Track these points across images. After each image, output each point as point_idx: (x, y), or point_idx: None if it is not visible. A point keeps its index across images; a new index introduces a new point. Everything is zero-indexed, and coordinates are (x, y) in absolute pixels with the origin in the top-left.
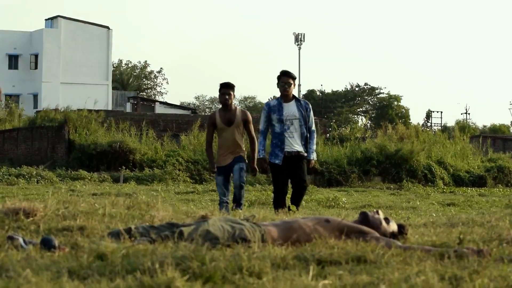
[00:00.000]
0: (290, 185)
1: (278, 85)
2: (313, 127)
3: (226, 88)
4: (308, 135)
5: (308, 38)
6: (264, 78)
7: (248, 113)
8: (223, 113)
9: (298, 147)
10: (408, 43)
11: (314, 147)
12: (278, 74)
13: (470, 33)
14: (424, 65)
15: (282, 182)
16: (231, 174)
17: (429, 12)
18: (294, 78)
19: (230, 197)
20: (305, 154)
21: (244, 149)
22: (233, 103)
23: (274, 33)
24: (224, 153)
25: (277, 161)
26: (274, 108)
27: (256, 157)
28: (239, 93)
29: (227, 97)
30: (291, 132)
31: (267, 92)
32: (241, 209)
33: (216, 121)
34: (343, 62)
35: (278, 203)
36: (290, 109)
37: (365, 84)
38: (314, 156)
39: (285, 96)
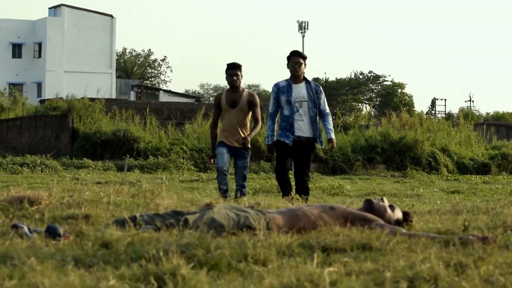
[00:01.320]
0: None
1: (288, 65)
2: (327, 109)
3: (233, 69)
4: (322, 118)
5: (311, 26)
6: (268, 66)
7: (256, 96)
8: (230, 94)
9: (307, 132)
10: (412, 31)
11: (331, 127)
12: (288, 54)
13: (474, 20)
14: (428, 53)
15: (285, 161)
16: (232, 159)
17: (433, 1)
18: (304, 58)
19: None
20: (315, 141)
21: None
22: (241, 85)
23: (278, 21)
24: (226, 135)
25: (287, 141)
26: (283, 89)
27: (253, 132)
28: (243, 82)
29: (235, 78)
30: (300, 115)
31: (271, 80)
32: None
33: (221, 102)
34: (347, 50)
35: (281, 180)
36: (300, 90)
37: (369, 72)
38: (333, 135)
39: (295, 76)
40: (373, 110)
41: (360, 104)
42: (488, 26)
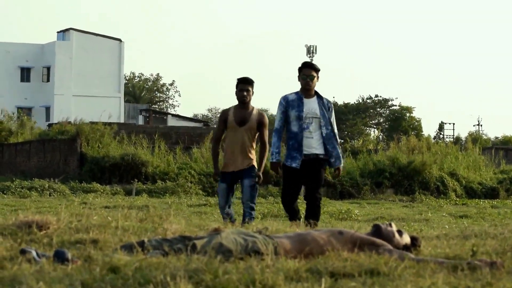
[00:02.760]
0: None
1: (299, 78)
2: (336, 130)
3: (245, 84)
4: (331, 139)
5: (320, 50)
6: (277, 90)
7: (266, 116)
8: (238, 111)
9: (317, 149)
10: (420, 55)
11: (340, 151)
12: (300, 65)
13: (482, 44)
14: (437, 77)
15: (294, 188)
16: (236, 186)
17: (441, 24)
18: (317, 71)
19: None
20: (325, 158)
21: (254, 157)
22: (251, 102)
23: (286, 45)
24: (230, 157)
25: (294, 165)
26: (293, 103)
27: (264, 163)
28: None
29: (245, 93)
30: (310, 132)
31: None
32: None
33: (228, 118)
34: (355, 74)
35: (288, 208)
36: (311, 105)
37: (376, 95)
38: (341, 162)
39: (307, 90)
40: (381, 134)
41: (368, 129)
42: (497, 50)
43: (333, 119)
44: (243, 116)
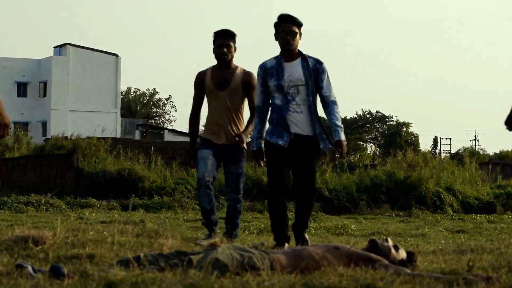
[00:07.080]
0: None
1: (277, 37)
2: (333, 97)
3: (224, 38)
4: (327, 109)
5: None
6: None
7: (254, 76)
8: (217, 72)
9: (306, 129)
10: (417, 70)
11: (340, 122)
12: (276, 20)
13: (479, 60)
14: (433, 92)
15: (281, 171)
16: (221, 164)
17: (438, 39)
18: (300, 25)
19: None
20: (318, 140)
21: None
22: (233, 60)
23: None
24: (212, 129)
25: (280, 142)
26: (271, 71)
27: (250, 129)
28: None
29: (225, 49)
30: (297, 104)
31: None
32: (235, 235)
33: (206, 81)
34: (355, 88)
35: (275, 208)
36: (294, 70)
37: (377, 111)
38: (342, 135)
39: (287, 51)
40: (378, 149)
41: (364, 143)
42: (493, 65)
43: (326, 81)
44: (223, 77)
